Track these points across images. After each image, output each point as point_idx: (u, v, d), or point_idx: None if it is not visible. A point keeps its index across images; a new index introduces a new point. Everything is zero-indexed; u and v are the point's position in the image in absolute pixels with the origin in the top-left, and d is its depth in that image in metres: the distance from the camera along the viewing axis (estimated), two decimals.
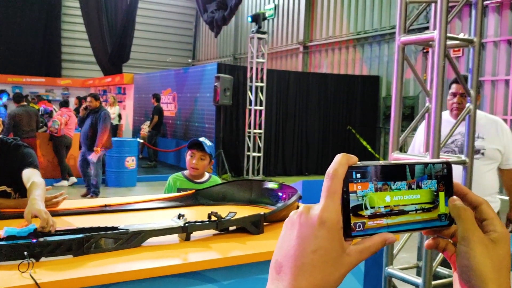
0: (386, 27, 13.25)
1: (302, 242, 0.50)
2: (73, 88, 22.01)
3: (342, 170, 0.51)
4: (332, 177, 0.51)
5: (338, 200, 0.50)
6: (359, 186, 0.52)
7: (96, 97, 8.02)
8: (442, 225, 0.57)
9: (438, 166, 0.57)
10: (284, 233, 0.53)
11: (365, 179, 0.52)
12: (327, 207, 0.50)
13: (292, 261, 0.50)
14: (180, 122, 13.53)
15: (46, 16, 22.73)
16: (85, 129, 7.88)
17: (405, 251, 3.51)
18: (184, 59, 25.48)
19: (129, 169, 9.72)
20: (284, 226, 0.53)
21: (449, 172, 0.57)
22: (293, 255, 0.50)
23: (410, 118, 11.42)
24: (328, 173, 0.51)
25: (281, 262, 0.51)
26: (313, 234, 0.49)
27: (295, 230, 0.51)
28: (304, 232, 0.50)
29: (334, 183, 0.51)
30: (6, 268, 1.50)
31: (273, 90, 11.94)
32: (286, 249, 0.51)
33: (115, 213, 2.36)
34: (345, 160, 0.52)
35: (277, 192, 2.52)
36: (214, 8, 14.23)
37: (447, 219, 0.57)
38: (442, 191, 0.57)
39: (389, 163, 0.54)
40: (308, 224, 0.50)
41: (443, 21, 2.30)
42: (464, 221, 0.55)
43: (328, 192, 0.50)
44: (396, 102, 2.67)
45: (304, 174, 12.36)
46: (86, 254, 1.67)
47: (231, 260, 1.80)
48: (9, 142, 2.36)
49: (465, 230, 0.54)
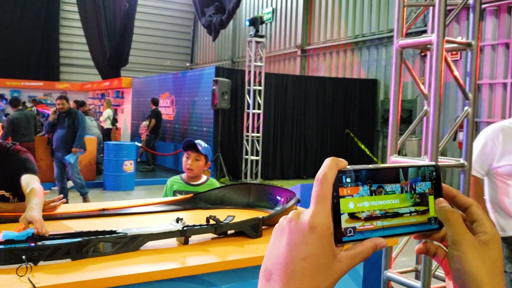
0: (384, 30, 13.29)
1: (292, 249, 0.49)
2: (72, 92, 21.99)
3: (331, 175, 0.50)
4: (322, 182, 0.50)
5: (329, 205, 0.50)
6: (349, 190, 0.51)
7: (67, 99, 7.84)
8: (432, 228, 0.56)
9: (431, 168, 0.57)
10: (274, 239, 0.52)
11: (355, 183, 0.52)
12: (317, 212, 0.49)
13: (282, 268, 0.48)
14: (178, 125, 13.53)
15: (44, 20, 22.75)
16: (61, 133, 7.57)
17: (404, 255, 3.51)
18: (182, 63, 25.52)
19: (127, 172, 9.71)
20: (274, 233, 0.52)
21: (438, 174, 0.57)
22: (283, 262, 0.49)
23: (408, 121, 11.44)
24: (317, 178, 0.50)
25: (271, 270, 0.50)
26: (303, 241, 0.48)
27: (285, 236, 0.50)
28: (294, 238, 0.49)
29: (323, 188, 0.50)
30: (4, 272, 1.50)
31: (271, 94, 11.96)
32: (275, 256, 0.50)
33: (113, 217, 2.36)
34: (334, 164, 0.51)
35: (275, 196, 2.51)
36: (212, 12, 14.26)
37: (436, 222, 0.56)
38: (431, 194, 0.56)
39: (380, 166, 0.54)
40: (298, 230, 0.49)
41: (441, 24, 2.31)
42: (453, 224, 0.54)
43: (318, 197, 0.50)
44: (394, 105, 2.67)
45: (302, 177, 12.36)
46: (85, 258, 1.67)
47: (229, 264, 1.80)
48: (8, 147, 2.36)
49: (455, 233, 0.53)
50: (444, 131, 9.90)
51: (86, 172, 10.17)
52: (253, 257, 1.84)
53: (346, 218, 0.51)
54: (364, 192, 0.52)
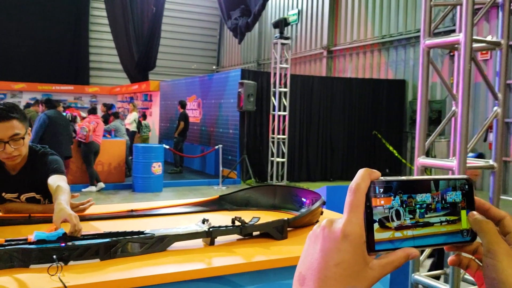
0: (412, 30, 13.10)
1: (325, 255, 0.50)
2: (101, 96, 22.46)
3: (364, 185, 0.52)
4: (355, 191, 0.51)
5: (361, 214, 0.51)
6: (382, 200, 0.52)
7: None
8: (464, 241, 0.56)
9: (462, 180, 0.57)
10: (308, 246, 0.53)
11: (388, 194, 0.53)
12: (350, 221, 0.50)
13: (315, 273, 0.50)
14: (205, 128, 13.63)
15: (74, 25, 23.30)
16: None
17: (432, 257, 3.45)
18: (209, 65, 25.71)
19: (156, 174, 9.83)
20: (308, 239, 0.54)
21: (470, 187, 0.57)
22: (316, 268, 0.50)
23: (437, 122, 11.23)
24: (350, 188, 0.52)
25: (304, 275, 0.51)
26: (336, 248, 0.50)
27: (319, 243, 0.52)
28: (327, 245, 0.51)
29: (356, 197, 0.51)
30: (36, 271, 1.54)
31: (297, 95, 11.92)
32: (309, 262, 0.51)
33: (141, 218, 2.40)
34: (367, 174, 0.53)
35: (301, 198, 2.51)
36: (238, 15, 14.31)
37: (469, 235, 0.56)
38: (464, 207, 0.57)
39: (411, 178, 0.55)
40: (331, 237, 0.51)
41: (468, 23, 2.27)
42: (487, 233, 0.54)
43: (351, 207, 0.51)
44: (422, 106, 2.64)
45: (329, 179, 12.27)
46: (113, 258, 1.70)
47: (254, 265, 1.81)
48: (36, 150, 2.43)
49: (489, 242, 0.54)
50: (474, 132, 9.68)
51: (115, 175, 10.37)
52: (278, 259, 1.84)
53: (377, 227, 0.52)
54: (395, 203, 0.53)
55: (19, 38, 21.72)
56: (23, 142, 2.25)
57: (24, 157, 2.35)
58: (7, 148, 2.20)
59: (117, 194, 9.63)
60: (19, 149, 2.25)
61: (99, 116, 10.63)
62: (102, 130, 9.80)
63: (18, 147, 2.24)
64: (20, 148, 2.25)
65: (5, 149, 2.20)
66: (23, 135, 2.25)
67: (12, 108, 2.24)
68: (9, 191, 2.38)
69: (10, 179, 2.36)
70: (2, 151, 2.21)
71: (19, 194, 2.40)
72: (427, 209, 0.55)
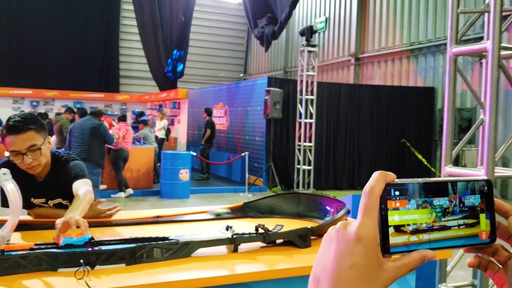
0: (441, 37, 12.90)
1: (339, 258, 0.51)
2: (130, 103, 22.84)
3: (378, 188, 0.52)
4: (369, 194, 0.52)
5: (375, 217, 0.51)
6: (397, 203, 0.53)
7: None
8: (484, 243, 0.56)
9: (482, 182, 0.57)
10: (323, 248, 0.54)
11: (404, 196, 0.53)
12: (363, 224, 0.51)
13: (329, 275, 0.51)
14: (232, 135, 13.71)
15: (105, 34, 23.81)
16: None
17: (460, 269, 3.38)
18: (236, 73, 25.88)
19: (183, 181, 9.93)
20: (323, 241, 0.55)
21: (490, 189, 0.57)
22: (330, 270, 0.51)
23: (467, 130, 10.97)
24: (364, 191, 0.53)
25: (319, 276, 0.52)
26: (350, 250, 0.51)
27: (333, 245, 0.52)
28: (341, 248, 0.51)
29: (370, 200, 0.52)
30: (64, 274, 1.59)
31: (324, 103, 11.87)
32: (324, 264, 0.52)
33: (166, 224, 2.44)
34: (381, 177, 0.53)
35: (325, 206, 2.51)
36: (264, 23, 14.37)
37: (488, 236, 0.56)
38: (483, 209, 0.56)
39: (428, 180, 0.55)
40: (345, 240, 0.52)
41: (496, 31, 2.23)
42: None
43: (365, 209, 0.52)
44: (449, 114, 2.60)
45: (357, 188, 12.14)
46: (138, 263, 1.73)
47: (278, 272, 1.81)
48: (60, 157, 2.49)
49: None
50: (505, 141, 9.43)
51: (144, 181, 10.52)
52: (301, 267, 1.84)
53: (393, 231, 0.52)
54: (411, 206, 0.53)
55: (52, 47, 22.33)
56: (40, 152, 2.29)
57: (48, 164, 2.41)
58: (25, 159, 2.25)
59: (145, 200, 9.76)
60: (38, 159, 2.29)
61: (129, 124, 10.82)
62: (131, 137, 9.96)
63: (36, 158, 2.28)
64: (38, 158, 2.29)
65: (23, 160, 2.25)
66: (40, 145, 2.29)
67: (29, 120, 2.27)
68: (37, 197, 2.46)
69: (37, 185, 2.43)
70: (21, 162, 2.27)
71: (46, 200, 2.47)
72: (444, 212, 0.54)
